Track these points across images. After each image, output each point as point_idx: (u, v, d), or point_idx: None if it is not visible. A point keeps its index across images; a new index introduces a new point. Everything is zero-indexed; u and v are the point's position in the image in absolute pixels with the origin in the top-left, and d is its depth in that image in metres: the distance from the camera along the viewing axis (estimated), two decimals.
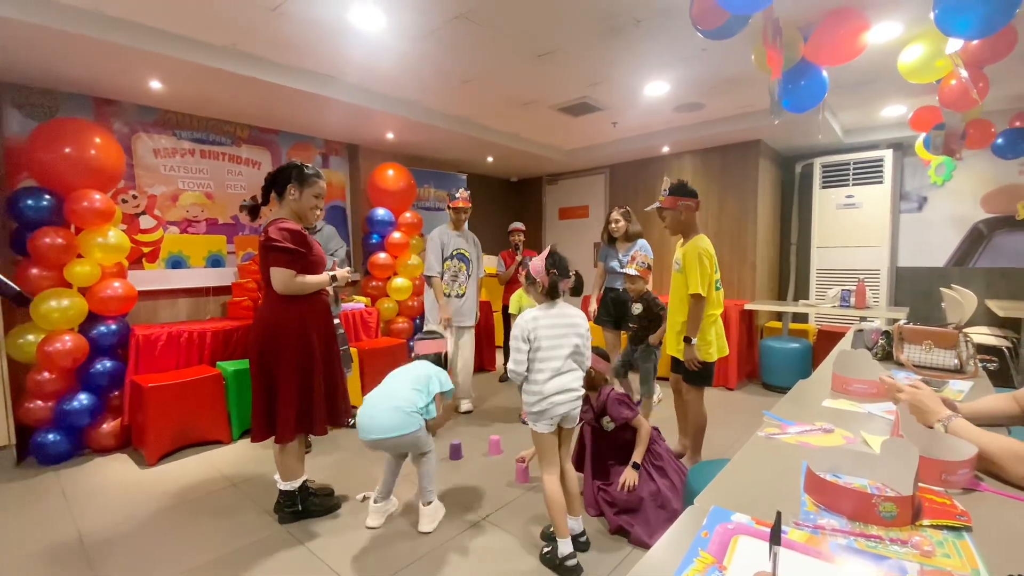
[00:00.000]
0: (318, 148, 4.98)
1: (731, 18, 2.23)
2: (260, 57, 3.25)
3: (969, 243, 4.91)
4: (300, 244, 2.20)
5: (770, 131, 4.87)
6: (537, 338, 1.96)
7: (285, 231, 2.17)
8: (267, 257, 2.19)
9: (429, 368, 2.45)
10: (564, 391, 1.97)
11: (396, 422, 2.19)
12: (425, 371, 2.41)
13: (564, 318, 2.02)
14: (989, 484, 1.09)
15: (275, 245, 2.15)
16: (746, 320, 4.81)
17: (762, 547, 0.87)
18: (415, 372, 2.40)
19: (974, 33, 2.11)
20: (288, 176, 2.27)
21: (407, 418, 2.20)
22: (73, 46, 2.76)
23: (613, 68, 3.51)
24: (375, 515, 2.37)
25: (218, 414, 3.39)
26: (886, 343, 2.33)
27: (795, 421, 1.51)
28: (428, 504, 2.33)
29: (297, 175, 2.28)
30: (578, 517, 2.13)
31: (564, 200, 7.23)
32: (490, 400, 4.37)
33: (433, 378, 2.39)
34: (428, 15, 2.74)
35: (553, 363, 1.97)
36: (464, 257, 3.97)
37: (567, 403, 1.98)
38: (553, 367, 1.97)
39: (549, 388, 1.96)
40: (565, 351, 1.99)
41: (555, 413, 1.97)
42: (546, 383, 1.96)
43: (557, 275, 2.03)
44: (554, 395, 1.96)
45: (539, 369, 1.97)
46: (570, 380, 2.00)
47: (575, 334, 2.02)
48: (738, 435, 3.36)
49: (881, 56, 3.10)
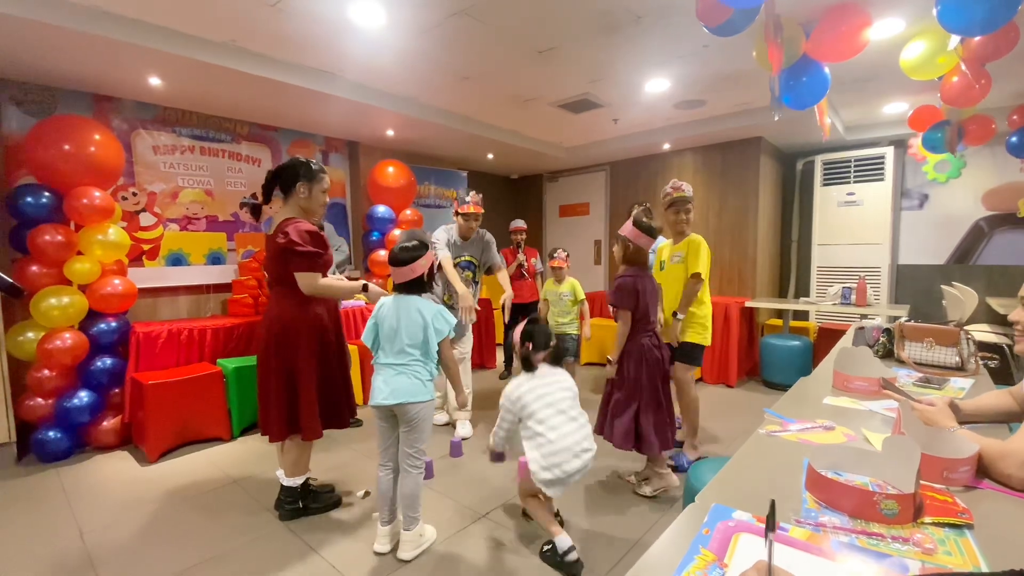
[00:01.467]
0: (318, 145, 4.97)
1: (736, 14, 2.22)
2: (260, 54, 3.24)
3: (970, 240, 4.91)
4: (319, 246, 2.21)
5: (771, 128, 4.86)
6: (525, 404, 1.96)
7: (306, 233, 2.16)
8: (288, 260, 2.15)
9: (420, 310, 2.07)
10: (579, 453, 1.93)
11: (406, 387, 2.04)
12: (416, 317, 2.06)
13: (550, 380, 2.03)
14: (991, 482, 1.09)
15: (298, 249, 2.12)
16: (747, 317, 4.81)
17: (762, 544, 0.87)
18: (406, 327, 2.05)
19: (976, 30, 2.10)
20: (296, 174, 2.25)
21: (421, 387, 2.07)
22: (72, 43, 2.75)
23: (614, 65, 3.50)
24: (383, 539, 2.12)
25: (218, 411, 3.39)
26: (887, 341, 2.33)
27: (796, 419, 1.51)
28: (410, 530, 2.08)
29: (306, 172, 2.26)
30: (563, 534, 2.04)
31: (564, 197, 7.22)
32: (490, 397, 4.37)
33: (429, 326, 2.06)
34: (428, 11, 2.72)
35: (553, 421, 1.94)
36: (471, 265, 3.80)
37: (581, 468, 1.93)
38: (555, 424, 1.93)
39: (559, 448, 1.90)
40: (558, 407, 1.96)
41: (569, 481, 1.92)
42: (555, 443, 1.91)
43: (531, 349, 2.04)
44: (569, 460, 1.90)
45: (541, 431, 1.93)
46: (582, 438, 1.96)
47: (560, 388, 2.02)
48: (739, 432, 3.36)
49: (883, 53, 3.09)
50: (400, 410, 2.03)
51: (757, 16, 2.32)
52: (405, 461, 2.08)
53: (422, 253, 2.08)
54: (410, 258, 2.06)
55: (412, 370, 2.04)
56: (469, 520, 2.38)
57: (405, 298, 2.09)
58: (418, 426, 2.05)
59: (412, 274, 2.07)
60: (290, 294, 2.22)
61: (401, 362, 2.04)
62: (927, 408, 1.36)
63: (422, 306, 2.08)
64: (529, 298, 4.73)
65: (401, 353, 2.04)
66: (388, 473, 2.13)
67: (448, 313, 2.13)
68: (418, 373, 2.04)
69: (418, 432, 2.06)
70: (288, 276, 2.19)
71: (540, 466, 1.91)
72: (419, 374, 2.05)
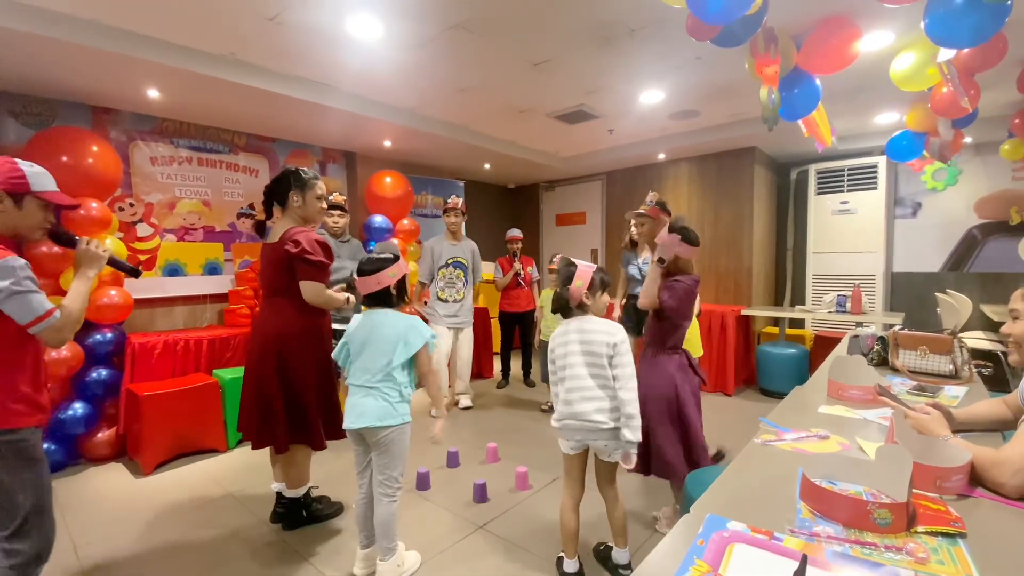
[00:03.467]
0: (316, 156, 4.99)
1: (736, 25, 2.22)
2: (258, 66, 3.26)
3: (963, 248, 4.94)
4: (328, 256, 2.22)
5: (765, 138, 4.90)
6: (554, 353, 1.91)
7: (316, 243, 2.18)
8: (295, 268, 2.16)
9: (390, 326, 1.95)
10: (583, 419, 1.81)
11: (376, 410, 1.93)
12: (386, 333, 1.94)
13: (568, 335, 1.87)
14: (984, 490, 1.10)
15: (308, 258, 2.13)
16: (743, 326, 4.82)
17: (757, 555, 0.87)
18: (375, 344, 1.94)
19: (964, 42, 2.13)
20: (287, 184, 2.26)
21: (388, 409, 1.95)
22: (71, 55, 2.76)
23: (609, 77, 3.54)
24: (360, 563, 2.05)
25: (214, 423, 3.37)
26: (881, 349, 2.34)
27: (791, 428, 1.52)
28: (386, 560, 1.95)
29: (296, 181, 2.26)
30: (624, 549, 1.99)
31: (561, 207, 7.25)
32: (487, 407, 4.36)
33: (399, 342, 1.93)
34: (425, 25, 2.76)
35: (569, 382, 1.84)
36: (461, 264, 4.08)
37: (594, 433, 1.83)
38: (569, 386, 1.84)
39: (563, 409, 1.86)
40: (580, 370, 1.83)
41: (576, 439, 1.87)
42: (563, 403, 1.86)
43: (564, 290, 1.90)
44: (569, 419, 1.85)
45: (558, 385, 1.89)
46: (591, 410, 1.80)
47: (584, 351, 1.83)
48: (735, 441, 3.36)
49: (873, 64, 3.13)
50: (368, 434, 1.92)
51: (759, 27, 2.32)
52: (377, 489, 1.95)
53: (389, 264, 1.97)
54: (375, 268, 1.95)
55: (381, 392, 1.91)
56: (467, 531, 2.37)
57: (373, 313, 1.98)
58: (389, 450, 1.92)
59: (378, 285, 1.95)
60: (293, 305, 2.22)
61: (370, 383, 1.92)
62: (921, 416, 1.36)
63: (392, 321, 1.95)
64: (526, 307, 4.74)
65: (370, 372, 1.92)
66: (363, 498, 2.03)
67: (422, 325, 1.99)
68: (387, 395, 1.91)
69: (389, 457, 1.93)
70: (293, 286, 2.18)
71: (554, 416, 1.90)
72: (388, 396, 1.91)
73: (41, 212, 1.54)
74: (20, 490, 1.44)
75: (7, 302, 1.36)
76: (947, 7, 2.00)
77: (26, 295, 1.39)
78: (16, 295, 1.37)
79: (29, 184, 1.47)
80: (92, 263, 1.61)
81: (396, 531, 1.98)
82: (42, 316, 1.41)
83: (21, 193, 1.47)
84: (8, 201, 1.46)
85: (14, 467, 1.44)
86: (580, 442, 1.89)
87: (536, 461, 3.09)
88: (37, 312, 1.40)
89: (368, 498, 2.03)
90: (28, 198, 1.49)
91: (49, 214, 1.57)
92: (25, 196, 1.48)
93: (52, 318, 1.42)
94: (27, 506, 1.45)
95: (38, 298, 1.41)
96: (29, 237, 1.55)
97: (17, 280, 1.37)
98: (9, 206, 1.46)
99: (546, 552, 2.18)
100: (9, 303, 1.36)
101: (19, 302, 1.38)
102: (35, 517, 1.48)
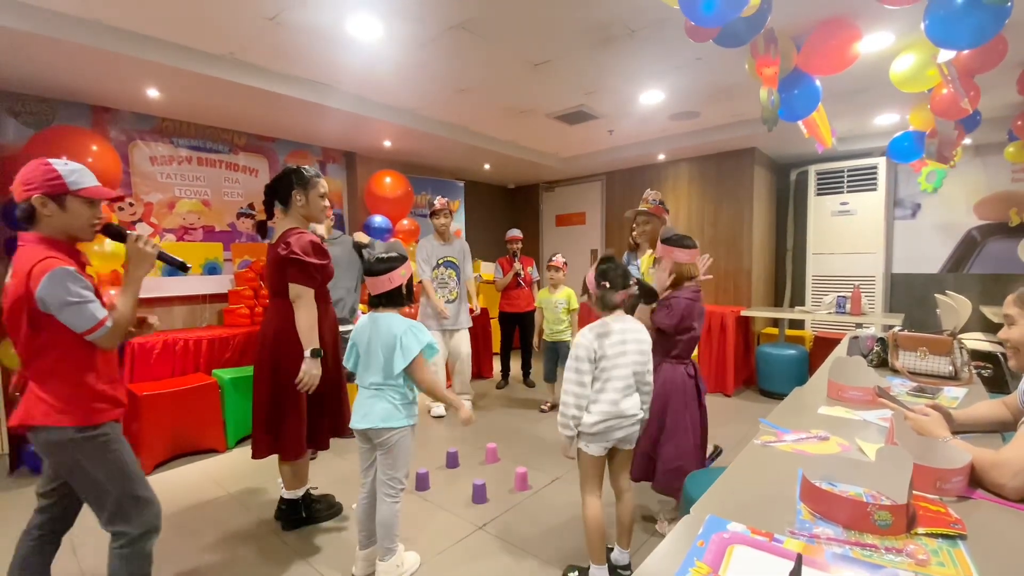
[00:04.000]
0: (315, 156, 4.99)
1: (739, 24, 2.21)
2: (258, 66, 3.26)
3: (963, 249, 4.95)
4: (322, 257, 2.21)
5: (765, 139, 4.91)
6: (605, 354, 1.79)
7: (308, 245, 2.16)
8: (287, 270, 2.14)
9: (391, 328, 1.93)
10: (624, 416, 1.81)
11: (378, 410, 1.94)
12: (388, 338, 1.93)
13: (625, 333, 1.83)
14: (984, 492, 1.10)
15: (297, 259, 2.11)
16: (743, 326, 4.82)
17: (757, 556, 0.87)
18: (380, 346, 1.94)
19: (964, 44, 2.13)
20: (289, 183, 2.25)
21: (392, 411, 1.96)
22: (71, 55, 2.76)
23: (608, 77, 3.54)
24: (359, 563, 2.05)
25: (214, 423, 3.36)
26: (881, 350, 2.34)
27: (791, 429, 1.51)
28: (385, 561, 1.96)
29: (298, 179, 2.25)
30: (626, 550, 1.99)
31: (561, 207, 7.25)
32: (487, 407, 4.35)
33: (397, 350, 1.91)
34: (425, 25, 2.76)
35: (616, 382, 1.80)
36: (453, 264, 4.08)
37: (627, 427, 1.83)
38: (616, 386, 1.80)
39: (609, 409, 1.79)
40: (627, 370, 1.82)
41: (612, 437, 1.82)
42: (609, 403, 1.79)
43: (608, 287, 1.85)
44: (614, 419, 1.79)
45: (601, 389, 1.80)
46: (631, 405, 1.83)
47: (637, 351, 1.84)
48: (735, 442, 3.36)
49: (873, 65, 3.13)
50: (374, 434, 1.93)
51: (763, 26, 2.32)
52: (380, 488, 1.97)
53: (400, 263, 1.98)
54: (388, 268, 1.95)
55: (387, 393, 1.93)
56: (467, 531, 2.37)
57: (379, 316, 1.98)
58: (392, 452, 1.94)
59: (390, 284, 1.96)
60: (287, 305, 2.20)
61: (377, 384, 1.94)
62: (920, 418, 1.36)
63: (394, 323, 1.94)
64: (526, 307, 4.74)
65: (377, 374, 1.94)
66: (365, 497, 2.04)
67: (421, 330, 1.97)
68: (393, 397, 1.93)
69: (393, 458, 1.94)
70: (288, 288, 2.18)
71: (587, 421, 1.79)
72: (394, 398, 1.93)
73: (88, 209, 1.51)
74: (106, 479, 1.51)
75: (62, 313, 1.39)
76: (947, 8, 2.01)
77: (80, 306, 1.40)
78: (70, 306, 1.39)
79: (67, 184, 1.45)
80: (142, 261, 1.59)
81: (397, 531, 1.98)
82: (95, 326, 1.43)
83: (62, 194, 1.45)
84: (51, 204, 1.44)
85: (98, 460, 1.50)
86: (612, 440, 1.84)
87: (536, 462, 3.09)
88: (91, 323, 1.42)
89: (371, 497, 2.04)
90: (70, 198, 1.46)
91: (96, 209, 1.54)
92: (66, 196, 1.46)
93: (104, 328, 1.45)
94: (115, 493, 1.52)
95: (91, 308, 1.43)
96: (81, 236, 1.53)
97: (70, 291, 1.39)
98: (53, 209, 1.45)
99: (546, 553, 2.18)
100: (65, 313, 1.39)
101: (74, 312, 1.40)
102: (128, 500, 1.54)
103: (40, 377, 1.45)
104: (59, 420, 1.43)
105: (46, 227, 1.47)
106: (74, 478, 1.51)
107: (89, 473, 1.49)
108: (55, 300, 1.37)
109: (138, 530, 1.55)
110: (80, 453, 1.47)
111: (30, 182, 1.43)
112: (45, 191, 1.43)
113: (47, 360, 1.44)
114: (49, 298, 1.37)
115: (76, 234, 1.52)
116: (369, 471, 2.05)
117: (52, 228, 1.47)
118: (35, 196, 1.42)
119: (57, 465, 1.52)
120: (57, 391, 1.44)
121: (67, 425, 1.44)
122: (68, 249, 1.51)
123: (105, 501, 1.52)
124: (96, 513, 1.54)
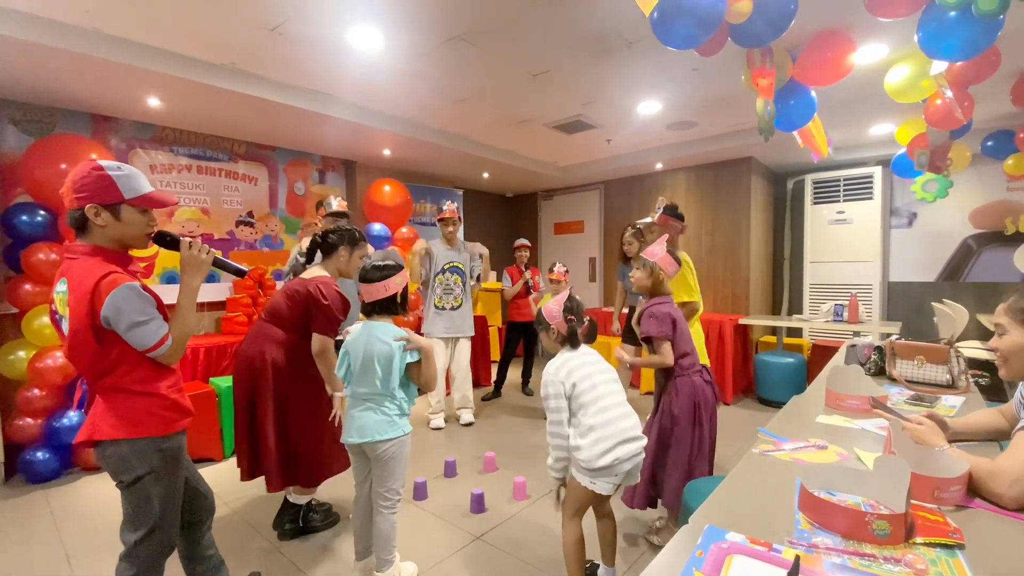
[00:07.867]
0: (315, 164, 5.01)
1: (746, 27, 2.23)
2: (259, 75, 3.29)
3: (959, 258, 4.97)
4: (342, 311, 2.28)
5: (762, 148, 4.94)
6: (576, 384, 1.74)
7: (339, 299, 2.26)
8: (312, 314, 2.24)
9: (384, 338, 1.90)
10: (629, 440, 1.72)
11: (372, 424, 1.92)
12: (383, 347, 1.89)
13: (595, 358, 1.85)
14: (982, 500, 1.10)
15: (329, 312, 2.21)
16: (741, 335, 4.83)
17: (756, 566, 0.87)
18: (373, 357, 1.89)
19: (957, 55, 2.16)
20: (342, 238, 2.38)
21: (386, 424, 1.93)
22: (72, 65, 2.78)
23: (606, 88, 3.57)
24: (358, 574, 2.05)
25: (210, 431, 3.34)
26: (879, 358, 2.34)
27: (789, 438, 1.52)
28: (382, 572, 1.94)
29: (351, 239, 2.39)
30: (612, 567, 1.94)
31: (559, 215, 7.28)
32: (485, 416, 4.34)
33: (395, 355, 1.88)
34: (425, 36, 2.78)
35: (604, 401, 1.74)
36: (458, 270, 4.05)
37: (633, 456, 1.72)
38: (606, 404, 1.73)
39: (611, 432, 1.69)
40: (606, 387, 1.77)
41: (621, 470, 1.71)
42: (607, 426, 1.70)
43: (576, 321, 1.85)
44: (618, 445, 1.69)
45: (592, 414, 1.71)
46: (631, 426, 1.75)
47: (612, 379, 1.82)
48: (734, 451, 3.35)
49: (868, 77, 3.17)
50: (368, 448, 1.91)
51: None
52: (376, 501, 1.95)
53: (396, 272, 1.97)
54: (383, 276, 1.94)
55: (380, 405, 1.90)
56: (464, 541, 2.35)
57: (373, 325, 1.94)
58: (387, 464, 1.91)
59: (386, 292, 1.94)
60: (294, 343, 2.29)
61: (369, 395, 1.91)
62: (917, 427, 1.37)
63: (388, 332, 1.91)
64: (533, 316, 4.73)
65: (369, 385, 1.90)
66: (361, 509, 2.03)
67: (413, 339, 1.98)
68: (386, 408, 1.90)
69: (388, 471, 1.91)
70: (300, 324, 2.28)
71: (591, 454, 1.67)
72: (387, 409, 1.90)
73: (142, 217, 1.44)
74: (157, 495, 1.45)
75: (128, 334, 1.35)
76: (940, 20, 2.03)
77: (143, 326, 1.37)
78: (135, 327, 1.36)
79: (122, 193, 1.37)
80: (197, 269, 1.51)
81: (395, 543, 1.97)
82: (157, 344, 1.39)
83: (116, 203, 1.38)
84: (105, 214, 1.37)
85: (162, 473, 1.45)
86: (621, 474, 1.73)
87: (534, 471, 3.08)
88: (152, 341, 1.38)
89: (365, 509, 2.02)
90: (125, 207, 1.39)
91: (150, 216, 1.47)
92: (121, 206, 1.38)
93: (165, 346, 1.41)
94: (158, 513, 1.46)
95: (153, 327, 1.39)
96: (135, 245, 1.46)
97: (136, 310, 1.35)
98: (108, 219, 1.38)
99: (544, 563, 2.16)
100: (130, 333, 1.35)
101: (138, 334, 1.36)
102: (160, 524, 1.48)
103: (109, 392, 1.40)
104: (130, 432, 1.39)
105: (100, 237, 1.40)
106: (131, 492, 1.44)
107: (147, 488, 1.43)
108: (122, 320, 1.33)
109: (153, 554, 1.52)
110: (148, 466, 1.42)
111: (82, 190, 1.34)
112: (99, 200, 1.35)
113: (116, 375, 1.39)
114: (115, 317, 1.32)
115: (130, 243, 1.45)
116: (364, 484, 2.03)
117: (106, 238, 1.40)
118: (88, 206, 1.35)
119: (118, 479, 1.44)
120: (129, 404, 1.40)
121: (138, 437, 1.39)
122: (123, 258, 1.45)
123: (147, 518, 1.46)
124: (125, 528, 1.48)
